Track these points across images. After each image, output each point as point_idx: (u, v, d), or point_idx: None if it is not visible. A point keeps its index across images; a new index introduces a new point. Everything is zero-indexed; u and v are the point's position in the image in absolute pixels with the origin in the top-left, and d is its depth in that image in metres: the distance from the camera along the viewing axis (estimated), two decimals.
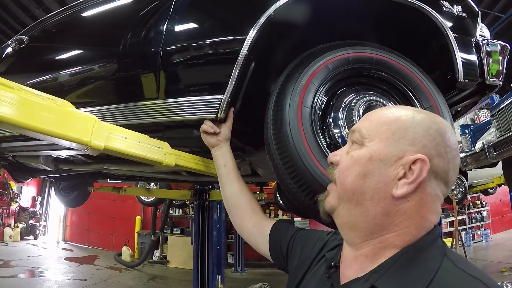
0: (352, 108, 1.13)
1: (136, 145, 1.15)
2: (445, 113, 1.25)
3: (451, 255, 0.61)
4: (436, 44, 1.42)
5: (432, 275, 0.57)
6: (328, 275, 0.71)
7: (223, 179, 1.23)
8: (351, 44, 1.26)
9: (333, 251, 0.78)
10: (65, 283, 6.51)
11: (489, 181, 5.93)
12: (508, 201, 7.60)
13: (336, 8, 1.35)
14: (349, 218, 0.68)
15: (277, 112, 1.09)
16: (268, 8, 1.21)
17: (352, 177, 0.67)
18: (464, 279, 0.56)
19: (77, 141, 0.98)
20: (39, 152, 2.03)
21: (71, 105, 1.00)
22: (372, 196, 0.64)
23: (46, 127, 0.90)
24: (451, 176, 0.66)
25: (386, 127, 0.66)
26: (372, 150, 0.66)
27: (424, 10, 1.28)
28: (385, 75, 1.23)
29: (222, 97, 1.21)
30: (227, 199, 1.21)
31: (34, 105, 0.89)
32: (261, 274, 8.48)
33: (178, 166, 1.30)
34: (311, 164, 0.99)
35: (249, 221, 1.12)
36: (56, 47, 2.05)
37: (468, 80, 1.35)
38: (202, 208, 4.82)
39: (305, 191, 1.00)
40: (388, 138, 0.65)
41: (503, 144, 3.01)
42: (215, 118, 1.23)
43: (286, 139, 1.02)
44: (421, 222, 0.63)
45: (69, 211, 11.36)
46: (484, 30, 1.43)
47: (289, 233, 0.98)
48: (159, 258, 9.33)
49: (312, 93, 1.11)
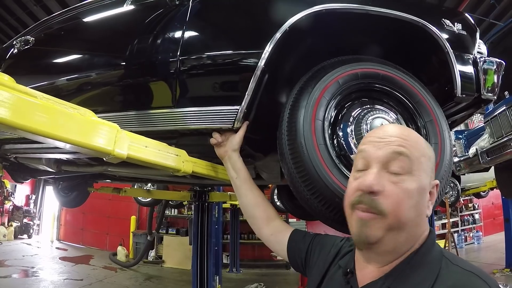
0: (360, 121, 1.21)
1: (156, 153, 1.19)
2: (443, 126, 1.34)
3: (447, 255, 0.72)
4: (436, 59, 1.51)
5: (436, 274, 0.67)
6: (347, 281, 0.80)
7: (237, 190, 1.29)
8: (359, 59, 1.34)
9: (345, 257, 0.87)
10: (61, 283, 6.50)
11: (481, 184, 6.08)
12: (500, 204, 7.77)
13: (346, 25, 1.43)
14: (395, 245, 0.71)
15: (291, 124, 1.16)
16: (284, 23, 1.28)
17: (407, 209, 0.69)
18: (461, 274, 0.67)
19: (101, 150, 0.99)
20: (44, 154, 2.01)
21: (93, 113, 1.01)
22: (417, 222, 0.72)
23: (71, 136, 0.90)
24: None
25: (423, 158, 0.73)
26: (421, 182, 0.71)
27: (427, 28, 1.36)
28: (390, 90, 1.31)
29: (239, 108, 1.27)
30: (243, 209, 1.27)
31: (59, 114, 0.88)
32: (256, 275, 8.55)
33: (195, 173, 1.35)
34: (324, 174, 1.07)
35: (266, 229, 1.18)
36: (66, 51, 2.00)
37: (466, 95, 1.44)
38: (201, 209, 4.87)
39: (318, 198, 1.08)
40: (426, 170, 0.73)
41: (495, 150, 3.14)
42: (231, 127, 1.29)
43: (300, 150, 1.10)
44: (422, 229, 0.74)
45: (63, 210, 11.28)
46: (481, 46, 1.52)
47: (306, 241, 1.06)
48: (155, 258, 9.33)
49: (324, 106, 1.19)
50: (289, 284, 7.79)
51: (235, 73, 1.36)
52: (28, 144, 1.85)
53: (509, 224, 5.14)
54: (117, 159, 1.05)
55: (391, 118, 1.26)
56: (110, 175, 3.16)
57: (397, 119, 1.29)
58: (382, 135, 0.75)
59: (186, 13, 1.52)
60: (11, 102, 0.76)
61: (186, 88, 1.44)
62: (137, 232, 9.66)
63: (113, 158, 1.05)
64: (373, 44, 1.60)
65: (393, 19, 1.37)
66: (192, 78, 1.43)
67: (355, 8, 1.31)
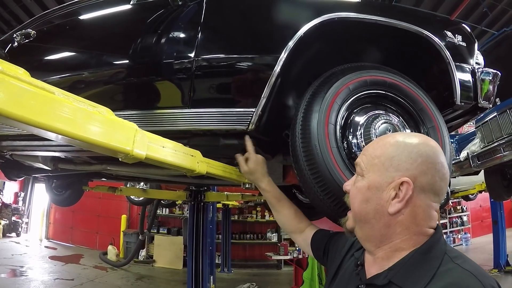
0: (369, 125, 1.28)
1: (173, 153, 1.20)
2: (444, 131, 1.42)
3: (451, 253, 0.77)
4: (437, 68, 1.60)
5: (434, 271, 0.72)
6: (357, 272, 0.88)
7: (272, 207, 1.45)
8: (368, 67, 1.41)
9: (360, 251, 0.95)
10: (52, 283, 6.44)
11: (470, 187, 6.24)
12: (487, 206, 7.99)
13: (355, 33, 1.50)
14: (362, 234, 0.86)
15: (305, 127, 1.22)
16: (299, 29, 1.34)
17: (358, 203, 0.84)
18: (459, 272, 0.71)
19: (120, 151, 0.96)
20: (44, 152, 1.98)
21: (111, 112, 0.98)
22: (374, 216, 0.81)
23: (90, 136, 0.86)
24: (439, 186, 0.80)
25: (377, 160, 0.82)
26: (369, 180, 0.83)
27: (431, 39, 1.45)
28: (396, 97, 1.39)
29: (254, 110, 1.33)
30: (278, 221, 1.46)
31: (78, 113, 0.84)
32: (247, 274, 8.61)
33: (209, 173, 1.39)
34: (337, 175, 1.14)
35: (297, 237, 1.38)
36: (72, 47, 1.91)
37: (464, 103, 1.54)
38: (197, 209, 4.88)
39: (331, 198, 1.15)
40: (380, 169, 0.81)
41: (486, 155, 3.27)
42: (245, 129, 1.34)
43: (315, 152, 1.16)
44: (418, 228, 0.79)
45: (53, 208, 11.14)
46: (479, 57, 1.61)
47: (324, 240, 1.19)
48: (145, 258, 9.31)
49: (336, 111, 1.25)
50: (280, 284, 7.87)
51: (252, 77, 1.41)
52: (27, 142, 1.82)
53: (497, 226, 5.31)
54: (135, 159, 1.03)
55: (398, 123, 1.33)
56: (106, 174, 3.02)
57: (403, 125, 1.36)
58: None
59: (201, 13, 1.53)
60: (29, 98, 0.72)
61: (201, 89, 1.47)
62: (128, 231, 9.60)
63: (131, 158, 1.02)
64: (377, 51, 1.68)
65: (399, 29, 1.44)
66: (207, 80, 1.46)
67: (366, 18, 1.39)
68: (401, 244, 0.79)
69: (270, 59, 1.35)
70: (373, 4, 1.83)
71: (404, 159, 0.79)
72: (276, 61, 1.32)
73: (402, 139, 0.84)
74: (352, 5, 1.48)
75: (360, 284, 0.84)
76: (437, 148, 0.82)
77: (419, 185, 0.78)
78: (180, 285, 7.44)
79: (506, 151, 3.01)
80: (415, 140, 0.83)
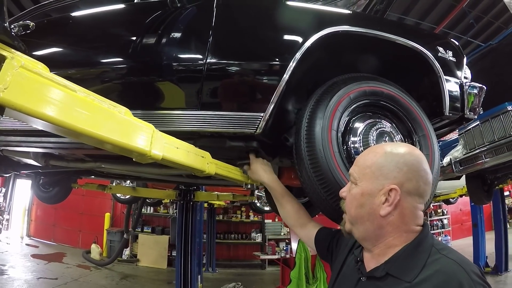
0: (367, 132, 1.39)
1: (186, 154, 1.23)
2: (434, 139, 1.55)
3: (438, 245, 0.89)
4: (428, 80, 1.72)
5: (424, 262, 0.85)
6: (358, 267, 1.00)
7: (276, 203, 1.56)
8: (366, 78, 1.51)
9: (358, 249, 1.06)
10: (36, 283, 6.31)
11: (451, 191, 6.49)
12: (467, 210, 8.31)
13: (353, 45, 1.60)
14: (359, 234, 0.98)
15: (310, 132, 1.31)
16: (308, 39, 1.43)
17: (354, 208, 0.96)
18: (445, 261, 0.83)
19: (138, 151, 0.97)
20: (39, 148, 1.92)
21: (130, 112, 0.98)
22: (368, 218, 0.93)
23: (111, 136, 0.86)
24: (423, 190, 0.92)
25: (368, 170, 0.94)
26: (362, 188, 0.95)
27: (425, 54, 1.57)
28: (391, 107, 1.50)
29: (263, 115, 1.40)
30: (282, 216, 1.57)
31: (99, 112, 0.83)
32: (232, 274, 8.66)
33: (217, 174, 1.44)
34: (339, 177, 1.24)
35: (300, 231, 1.47)
36: (78, 42, 1.83)
37: (452, 114, 1.67)
38: (186, 209, 4.87)
39: (334, 198, 1.24)
40: (371, 178, 0.93)
41: (468, 161, 3.48)
42: (253, 133, 1.42)
43: (319, 156, 1.26)
44: (407, 227, 0.91)
45: (35, 205, 10.87)
46: (467, 72, 1.74)
47: (328, 239, 1.29)
48: (129, 257, 9.20)
49: (338, 118, 1.35)
50: (265, 283, 7.96)
51: (263, 83, 1.48)
52: (23, 137, 1.77)
53: (477, 229, 5.57)
54: (152, 159, 1.04)
55: (392, 131, 1.45)
56: (96, 172, 2.99)
57: (397, 133, 1.47)
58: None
59: (211, 16, 1.56)
60: (50, 95, 0.70)
61: (212, 92, 1.51)
62: (112, 230, 9.47)
63: (147, 159, 1.03)
64: (372, 62, 1.78)
65: (396, 43, 1.56)
66: (218, 83, 1.50)
67: (367, 32, 1.49)
68: (393, 241, 0.92)
69: (280, 67, 1.43)
70: (374, 18, 1.94)
71: (392, 168, 0.92)
72: (286, 69, 1.40)
73: (390, 150, 0.96)
74: (354, 18, 1.59)
75: (362, 277, 0.96)
76: (421, 157, 0.95)
77: (406, 190, 0.90)
78: (165, 284, 7.44)
79: (487, 157, 3.22)
80: (401, 150, 0.95)
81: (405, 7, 7.93)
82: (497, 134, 3.11)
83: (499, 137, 3.10)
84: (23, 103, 0.65)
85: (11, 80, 0.63)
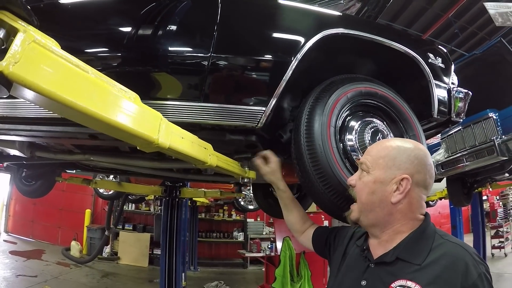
0: (362, 130, 1.46)
1: (190, 145, 1.25)
2: (423, 139, 1.64)
3: (439, 232, 0.98)
4: (418, 84, 1.81)
5: (430, 246, 0.93)
6: (365, 255, 1.06)
7: (284, 208, 1.61)
8: (362, 79, 1.59)
9: (361, 238, 1.13)
10: (15, 280, 6.13)
11: (431, 194, 6.70)
12: (446, 213, 8.58)
13: (350, 47, 1.68)
14: (368, 221, 1.05)
15: (309, 128, 1.37)
16: (309, 40, 1.48)
17: (365, 195, 1.03)
18: (449, 245, 0.93)
19: (146, 138, 0.95)
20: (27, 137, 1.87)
21: (138, 98, 0.96)
22: (379, 205, 1.01)
23: (120, 120, 0.83)
24: (428, 182, 1.02)
25: (382, 160, 1.02)
26: (375, 176, 1.02)
27: (417, 59, 1.66)
28: (384, 107, 1.59)
29: (265, 109, 1.45)
30: (286, 220, 1.61)
31: (109, 95, 0.80)
32: (214, 273, 8.67)
33: (218, 167, 1.46)
34: (337, 172, 1.31)
35: (301, 236, 1.54)
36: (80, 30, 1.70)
37: (440, 117, 1.77)
38: (171, 206, 4.80)
39: (331, 192, 1.31)
40: (384, 167, 1.01)
41: (449, 164, 3.65)
42: (254, 127, 1.46)
43: (318, 151, 1.32)
44: (413, 215, 1.00)
45: (13, 199, 10.48)
46: (454, 78, 1.85)
47: (324, 235, 1.36)
48: (110, 255, 9.04)
49: (336, 115, 1.42)
50: (247, 282, 8.01)
51: (267, 78, 1.51)
52: (12, 125, 1.67)
53: (455, 231, 5.80)
54: (158, 148, 1.02)
55: (385, 130, 1.53)
56: (83, 165, 2.93)
57: (389, 132, 1.55)
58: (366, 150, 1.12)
59: (217, 11, 1.55)
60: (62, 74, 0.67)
61: (216, 85, 1.52)
62: (92, 227, 9.26)
63: (154, 147, 1.01)
64: (367, 64, 1.86)
65: (390, 48, 1.64)
66: (222, 76, 1.52)
67: (365, 36, 1.56)
68: (401, 228, 1.00)
69: (283, 64, 1.47)
70: (372, 23, 2.02)
71: (405, 160, 1.00)
72: (288, 66, 1.46)
73: (401, 144, 1.05)
74: (353, 22, 1.66)
75: (370, 263, 1.02)
76: (427, 152, 1.05)
77: (415, 181, 0.99)
78: (146, 283, 7.36)
79: (468, 161, 3.39)
80: (411, 145, 1.04)
81: (393, 14, 8.16)
82: (478, 139, 3.28)
83: (480, 141, 3.26)
84: (33, 79, 0.61)
85: (22, 55, 0.59)
